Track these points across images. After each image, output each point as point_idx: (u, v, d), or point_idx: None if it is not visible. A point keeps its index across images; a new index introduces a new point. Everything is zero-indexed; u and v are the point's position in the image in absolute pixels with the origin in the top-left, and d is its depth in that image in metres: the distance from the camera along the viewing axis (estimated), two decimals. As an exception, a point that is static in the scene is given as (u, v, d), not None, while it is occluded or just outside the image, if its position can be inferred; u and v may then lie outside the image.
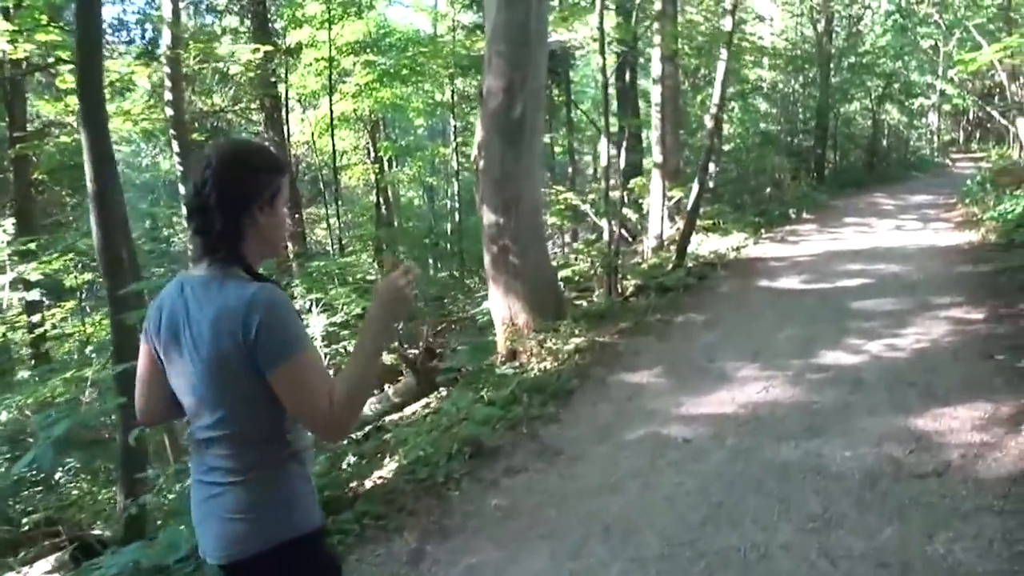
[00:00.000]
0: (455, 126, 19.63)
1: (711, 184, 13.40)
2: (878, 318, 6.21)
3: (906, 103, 25.15)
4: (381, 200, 17.78)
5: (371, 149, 18.41)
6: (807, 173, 17.41)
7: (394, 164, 19.98)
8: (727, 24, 9.17)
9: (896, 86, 22.78)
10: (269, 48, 12.46)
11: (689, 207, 9.16)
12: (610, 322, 6.83)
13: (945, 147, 31.11)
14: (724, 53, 9.00)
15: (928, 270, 7.85)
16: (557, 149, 20.01)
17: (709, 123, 8.96)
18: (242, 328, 1.45)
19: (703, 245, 10.22)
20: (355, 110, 15.65)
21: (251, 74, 13.58)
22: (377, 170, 17.31)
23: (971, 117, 37.81)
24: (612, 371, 5.62)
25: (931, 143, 29.75)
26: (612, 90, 11.17)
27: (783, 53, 18.58)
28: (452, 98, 16.87)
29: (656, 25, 11.62)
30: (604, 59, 8.69)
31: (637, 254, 11.11)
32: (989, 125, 36.76)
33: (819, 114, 17.87)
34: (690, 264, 8.96)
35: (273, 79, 14.24)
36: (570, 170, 18.31)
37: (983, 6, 18.45)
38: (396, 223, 18.28)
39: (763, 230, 11.61)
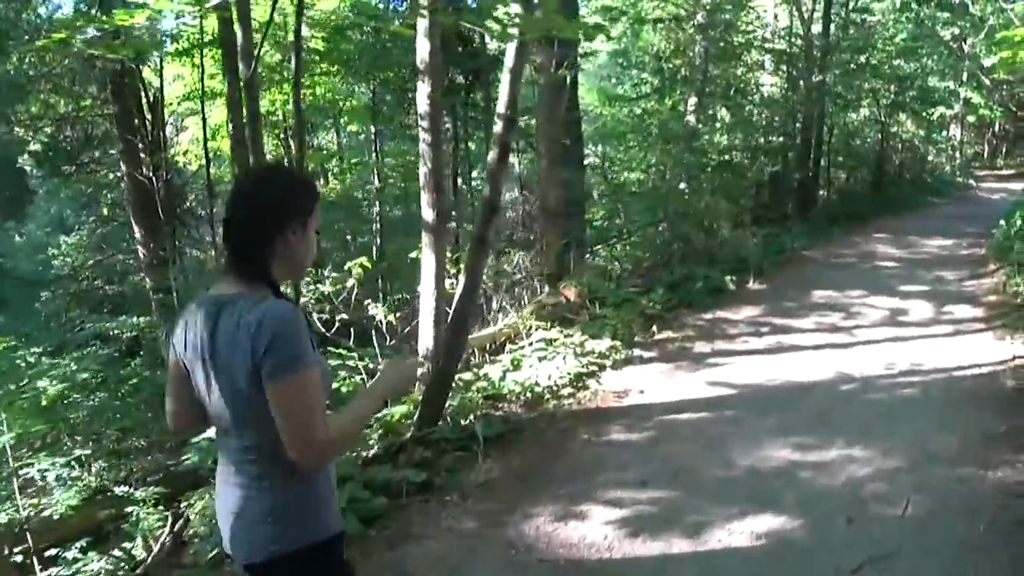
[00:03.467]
0: (375, 132, 16.33)
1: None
2: None
3: (923, 113, 21.22)
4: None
5: (288, 160, 15.36)
6: (785, 205, 13.54)
7: (329, 178, 17.09)
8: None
9: (911, 93, 18.88)
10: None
11: (455, 302, 4.77)
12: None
13: (968, 164, 27.03)
14: (512, 50, 4.83)
15: (937, 490, 3.56)
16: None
17: (493, 153, 4.78)
18: (252, 343, 1.49)
19: (515, 371, 5.45)
20: (270, 112, 13.01)
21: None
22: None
23: (997, 129, 33.79)
24: None
25: (952, 160, 25.69)
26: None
27: (765, 48, 14.73)
28: (372, 100, 14.64)
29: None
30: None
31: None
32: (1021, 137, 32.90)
33: (804, 127, 13.98)
34: (441, 437, 4.44)
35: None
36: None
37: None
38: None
39: (655, 327, 6.81)
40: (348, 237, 15.17)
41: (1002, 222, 11.28)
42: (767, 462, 4.01)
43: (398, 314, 6.14)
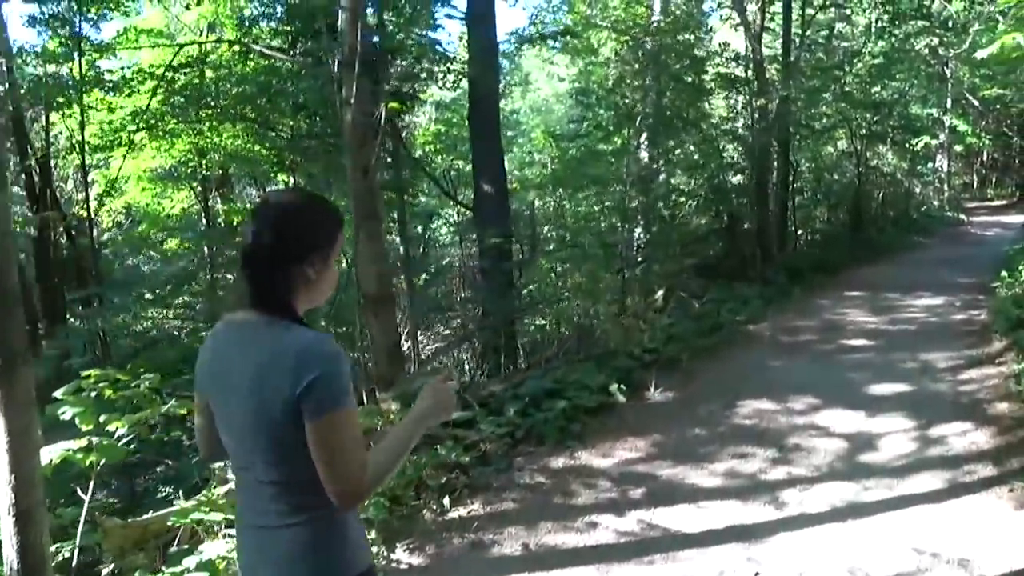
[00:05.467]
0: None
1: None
2: None
3: (906, 143, 19.09)
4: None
5: (204, 215, 13.70)
6: (744, 258, 11.16)
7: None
8: None
9: (891, 122, 16.76)
10: None
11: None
12: None
13: (957, 197, 24.84)
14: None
15: None
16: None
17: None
18: (292, 376, 1.40)
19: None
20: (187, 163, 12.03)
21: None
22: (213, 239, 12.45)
23: (986, 158, 31.86)
24: None
25: (940, 193, 23.49)
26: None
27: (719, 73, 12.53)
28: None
29: None
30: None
31: None
32: (1010, 166, 30.93)
33: (761, 162, 11.68)
34: None
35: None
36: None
37: None
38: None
39: (455, 492, 4.12)
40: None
41: (1004, 274, 8.94)
42: None
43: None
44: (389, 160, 12.07)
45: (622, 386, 5.58)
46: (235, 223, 12.97)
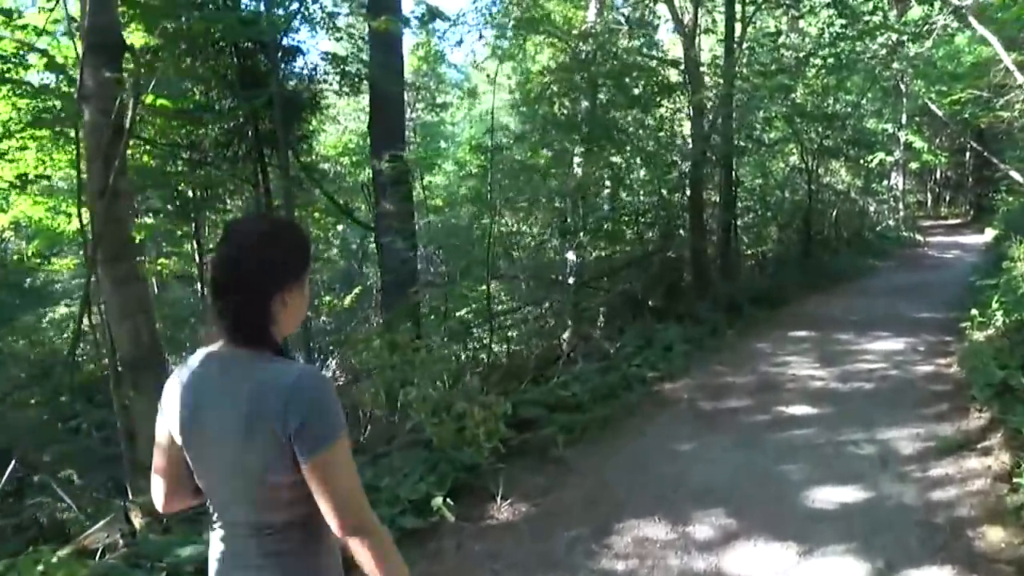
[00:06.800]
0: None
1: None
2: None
3: (860, 159, 17.86)
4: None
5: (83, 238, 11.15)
6: (677, 290, 9.51)
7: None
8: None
9: (844, 135, 15.45)
10: None
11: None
12: None
13: (913, 217, 23.76)
14: None
15: None
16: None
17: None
18: (282, 418, 1.34)
19: None
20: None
21: None
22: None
23: (939, 176, 31.22)
24: None
25: (895, 212, 22.36)
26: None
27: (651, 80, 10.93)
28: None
29: None
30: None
31: None
32: (963, 184, 30.24)
33: (693, 180, 10.06)
34: None
35: None
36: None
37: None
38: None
39: None
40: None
41: (974, 312, 7.42)
42: None
43: None
44: (278, 173, 10.36)
45: (448, 500, 3.77)
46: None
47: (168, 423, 1.48)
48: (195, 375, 1.45)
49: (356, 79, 12.13)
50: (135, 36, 10.05)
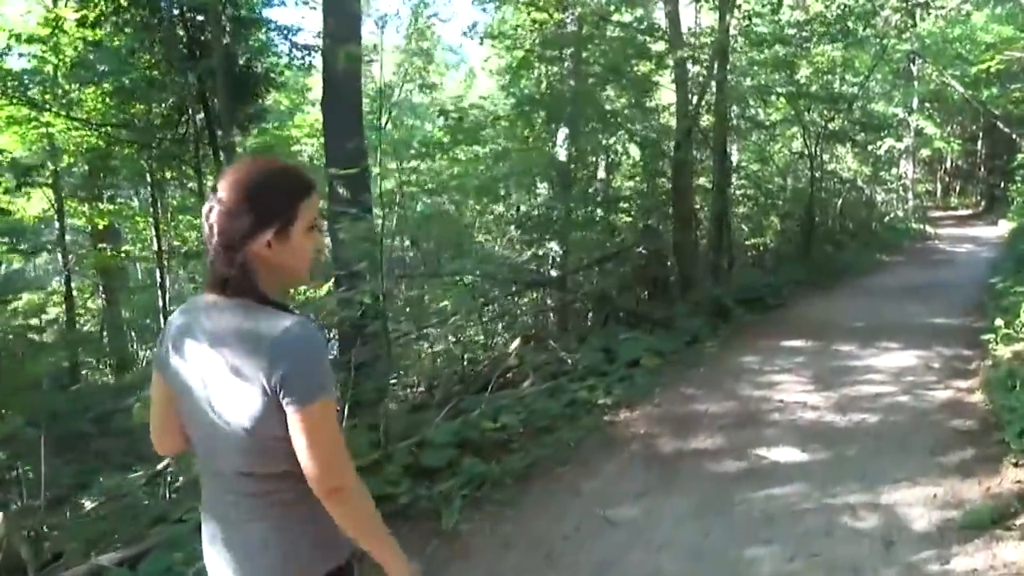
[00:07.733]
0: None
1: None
2: None
3: (868, 145, 16.49)
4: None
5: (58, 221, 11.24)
6: (667, 291, 8.28)
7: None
8: None
9: (851, 118, 14.09)
10: None
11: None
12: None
13: (923, 207, 22.36)
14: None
15: None
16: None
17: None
18: (267, 368, 1.30)
19: None
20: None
21: None
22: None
23: (949, 165, 29.79)
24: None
25: (904, 202, 21.01)
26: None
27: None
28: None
29: None
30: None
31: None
32: (974, 174, 28.82)
33: (677, 164, 8.78)
34: None
35: None
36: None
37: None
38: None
39: None
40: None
41: (999, 322, 6.23)
42: None
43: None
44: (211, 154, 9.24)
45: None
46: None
47: (160, 369, 1.46)
48: (185, 323, 1.41)
49: (306, 51, 11.04)
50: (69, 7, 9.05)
